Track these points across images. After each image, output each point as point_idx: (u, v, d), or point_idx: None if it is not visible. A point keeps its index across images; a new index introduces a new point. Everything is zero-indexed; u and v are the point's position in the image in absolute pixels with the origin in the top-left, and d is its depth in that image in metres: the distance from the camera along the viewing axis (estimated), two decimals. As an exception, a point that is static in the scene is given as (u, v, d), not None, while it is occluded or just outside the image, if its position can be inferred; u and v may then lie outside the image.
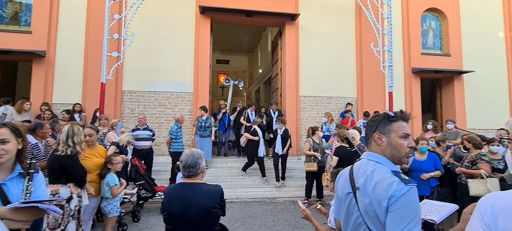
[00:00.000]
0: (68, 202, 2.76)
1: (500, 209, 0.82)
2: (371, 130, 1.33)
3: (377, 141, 1.28)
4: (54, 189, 2.75)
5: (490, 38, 9.41)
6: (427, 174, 4.35)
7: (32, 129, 3.45)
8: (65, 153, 2.75)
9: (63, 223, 2.70)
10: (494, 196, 0.87)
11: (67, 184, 2.80)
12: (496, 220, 0.81)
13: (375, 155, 1.28)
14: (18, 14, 7.41)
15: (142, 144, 5.90)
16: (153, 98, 7.68)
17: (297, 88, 8.28)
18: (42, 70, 7.13)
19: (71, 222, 2.75)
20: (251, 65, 18.87)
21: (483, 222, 0.84)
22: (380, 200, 1.13)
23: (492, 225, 0.82)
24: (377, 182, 1.17)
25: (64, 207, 2.72)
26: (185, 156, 2.03)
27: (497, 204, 0.83)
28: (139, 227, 4.43)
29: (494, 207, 0.83)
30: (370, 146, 1.33)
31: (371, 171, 1.22)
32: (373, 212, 1.16)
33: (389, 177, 1.16)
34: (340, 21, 8.61)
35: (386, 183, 1.14)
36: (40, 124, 3.55)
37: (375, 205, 1.15)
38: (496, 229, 0.80)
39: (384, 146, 1.26)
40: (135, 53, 7.40)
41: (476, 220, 0.86)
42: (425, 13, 9.24)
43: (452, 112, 8.99)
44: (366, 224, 1.19)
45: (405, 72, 8.80)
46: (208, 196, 1.96)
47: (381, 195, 1.13)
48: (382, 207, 1.12)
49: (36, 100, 6.87)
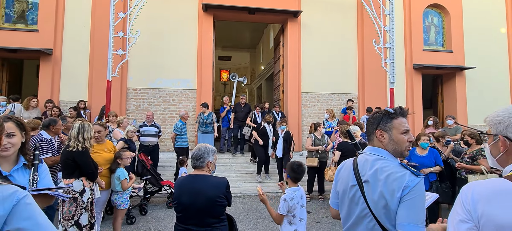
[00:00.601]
0: (81, 195, 2.90)
1: (480, 196, 0.90)
2: (372, 127, 1.41)
3: (379, 138, 1.37)
4: (68, 182, 2.89)
5: (492, 34, 9.42)
6: (427, 169, 4.46)
7: (46, 125, 3.59)
8: (76, 148, 2.88)
9: (76, 214, 2.85)
10: (475, 184, 0.95)
11: (79, 177, 2.94)
12: (476, 206, 0.89)
13: (379, 150, 1.36)
14: (25, 13, 7.55)
15: (148, 140, 6.05)
16: (157, 95, 7.82)
17: (299, 85, 8.37)
18: (49, 68, 7.27)
19: (84, 214, 2.89)
20: (253, 61, 18.92)
21: (464, 208, 0.92)
22: (393, 191, 1.20)
23: (472, 210, 0.90)
24: (389, 174, 1.25)
25: (77, 199, 2.87)
26: (196, 149, 2.20)
27: (477, 191, 0.91)
28: (146, 219, 4.58)
29: (474, 194, 0.91)
30: (372, 142, 1.41)
31: (381, 164, 1.30)
32: (384, 203, 1.24)
33: (400, 169, 1.25)
34: (342, 18, 8.66)
35: (398, 175, 1.22)
36: (54, 120, 3.69)
37: (387, 196, 1.22)
38: (476, 214, 0.89)
39: (386, 141, 1.35)
40: (139, 51, 7.51)
41: (459, 206, 0.95)
42: (427, 9, 9.26)
43: (453, 108, 9.05)
44: (373, 214, 1.27)
45: (406, 69, 8.86)
46: (214, 187, 2.10)
47: (394, 186, 1.21)
48: (395, 197, 1.20)
49: (44, 98, 7.02)
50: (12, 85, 8.24)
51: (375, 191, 1.27)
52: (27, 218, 1.00)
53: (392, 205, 1.22)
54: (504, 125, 0.98)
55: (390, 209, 1.22)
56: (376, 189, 1.27)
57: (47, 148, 3.50)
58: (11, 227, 0.98)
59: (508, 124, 0.97)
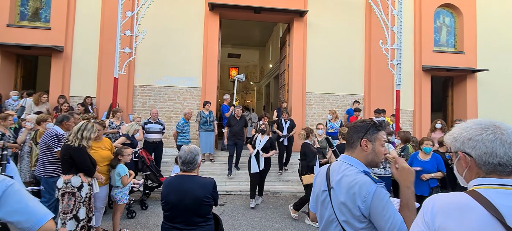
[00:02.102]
0: (79, 190, 3.03)
1: (439, 209, 0.90)
2: (358, 135, 1.42)
3: (363, 147, 1.39)
4: (67, 178, 3.03)
5: (507, 36, 9.05)
6: (428, 175, 4.38)
7: (60, 120, 3.75)
8: (74, 144, 3.00)
9: (74, 208, 2.98)
10: (437, 197, 0.95)
11: (77, 173, 3.07)
12: (434, 219, 0.90)
13: (350, 159, 1.41)
14: (39, 10, 7.84)
15: (153, 137, 6.19)
16: (163, 93, 7.97)
17: (304, 84, 8.33)
18: (60, 64, 7.54)
19: (82, 208, 3.02)
20: (262, 59, 18.93)
21: (423, 220, 0.93)
22: (354, 199, 1.26)
23: (430, 223, 0.91)
24: (350, 181, 1.30)
25: (76, 194, 3.00)
26: (184, 153, 2.23)
27: (437, 204, 0.92)
28: (146, 214, 4.72)
29: (434, 207, 0.92)
30: (353, 150, 1.43)
31: (346, 172, 1.35)
32: (347, 208, 1.29)
33: (362, 178, 1.29)
34: (349, 18, 8.54)
35: (359, 184, 1.27)
36: (67, 117, 3.84)
37: (349, 204, 1.28)
38: (433, 227, 0.89)
39: (369, 151, 1.39)
40: (146, 49, 7.68)
41: (419, 218, 0.96)
42: (439, 9, 8.99)
43: (463, 112, 8.79)
44: (338, 220, 1.33)
45: (415, 70, 8.65)
46: (202, 187, 2.16)
47: (354, 194, 1.26)
48: (356, 206, 1.26)
49: (55, 93, 7.30)
50: (26, 81, 8.60)
51: (340, 197, 1.32)
52: (18, 202, 1.10)
53: (354, 210, 1.27)
54: (460, 141, 0.97)
55: (352, 214, 1.27)
56: (340, 196, 1.32)
57: (60, 141, 3.57)
58: (5, 210, 1.08)
59: (462, 140, 0.96)
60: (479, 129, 0.94)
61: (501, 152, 0.89)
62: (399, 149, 5.31)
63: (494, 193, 0.87)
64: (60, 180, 3.07)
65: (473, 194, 0.89)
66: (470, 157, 0.94)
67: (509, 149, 0.89)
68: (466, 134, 0.96)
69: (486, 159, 0.91)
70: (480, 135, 0.92)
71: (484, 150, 0.91)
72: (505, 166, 0.89)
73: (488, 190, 0.89)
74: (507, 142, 0.90)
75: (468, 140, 0.95)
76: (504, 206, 0.83)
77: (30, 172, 4.59)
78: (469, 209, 0.86)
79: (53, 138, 3.54)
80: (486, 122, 0.95)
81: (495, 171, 0.91)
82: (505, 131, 0.92)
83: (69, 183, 2.98)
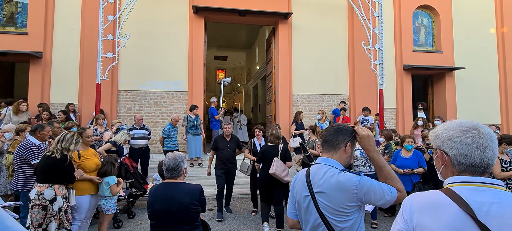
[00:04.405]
0: (51, 203, 2.92)
1: (417, 206, 0.96)
2: (343, 138, 1.46)
3: (346, 149, 1.45)
4: (40, 189, 2.94)
5: (481, 35, 9.51)
6: (408, 169, 4.55)
7: (33, 130, 3.63)
8: (55, 155, 2.92)
9: (45, 222, 2.87)
10: (415, 195, 1.01)
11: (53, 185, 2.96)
12: (412, 216, 0.96)
13: (330, 160, 1.45)
14: (14, 15, 7.53)
15: (138, 143, 6.09)
16: (148, 98, 7.84)
17: (290, 86, 8.42)
18: (39, 71, 7.27)
19: (53, 223, 2.90)
20: (249, 61, 18.94)
21: (403, 218, 0.99)
22: (345, 194, 1.34)
23: (408, 219, 0.97)
24: (337, 180, 1.36)
25: (47, 208, 2.89)
26: (168, 160, 2.20)
27: (416, 202, 0.98)
28: (134, 223, 4.62)
29: (413, 205, 0.98)
30: (334, 151, 1.46)
31: (328, 173, 1.40)
32: (335, 207, 1.34)
33: (344, 174, 1.37)
34: (332, 20, 8.71)
35: (345, 179, 1.35)
36: (41, 126, 3.72)
37: (339, 201, 1.34)
38: (411, 224, 0.95)
39: (348, 155, 1.46)
40: (130, 53, 7.52)
41: (399, 216, 1.01)
42: (417, 10, 9.33)
43: (443, 108, 9.15)
44: (324, 224, 1.36)
45: (396, 70, 8.93)
46: (188, 194, 2.14)
47: (343, 189, 1.34)
48: (347, 198, 1.33)
49: (34, 101, 7.03)
50: (3, 88, 8.23)
51: (327, 198, 1.37)
52: None
53: (345, 208, 1.34)
54: (440, 140, 1.02)
55: (341, 212, 1.35)
56: (327, 197, 1.37)
57: (37, 153, 3.49)
58: None
59: (443, 139, 1.01)
60: (460, 131, 0.98)
61: (475, 154, 0.95)
62: (383, 147, 5.48)
63: (466, 190, 0.93)
64: (33, 190, 2.97)
65: (447, 192, 0.95)
66: (447, 155, 1.00)
67: (483, 152, 0.95)
68: (447, 134, 1.00)
69: (461, 159, 0.96)
70: (460, 137, 0.97)
71: (460, 151, 0.96)
72: (477, 167, 0.95)
73: (461, 188, 0.94)
74: (483, 146, 0.95)
75: (448, 140, 1.00)
76: (476, 202, 0.89)
77: (10, 184, 4.40)
78: (443, 206, 0.92)
79: (29, 149, 3.42)
80: (468, 124, 0.99)
81: (467, 170, 0.97)
82: (483, 135, 0.96)
83: (41, 195, 2.88)
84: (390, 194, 1.34)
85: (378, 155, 1.44)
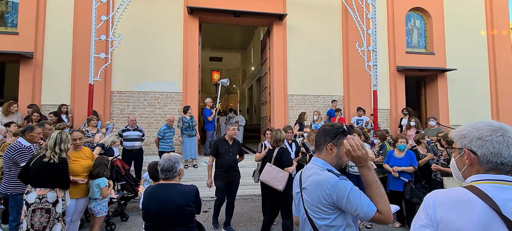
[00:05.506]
0: (54, 206, 2.87)
1: (440, 202, 0.99)
2: (325, 139, 1.49)
3: (328, 150, 1.47)
4: (41, 193, 2.86)
5: (472, 37, 9.70)
6: (399, 168, 4.58)
7: (22, 131, 3.54)
8: (53, 160, 2.85)
9: (48, 226, 2.82)
10: (438, 192, 1.04)
11: (54, 188, 2.91)
12: (435, 212, 0.98)
13: (317, 160, 1.50)
14: (5, 14, 7.38)
15: (132, 144, 6.00)
16: (142, 99, 7.75)
17: (285, 87, 8.43)
18: (29, 71, 7.13)
19: (57, 224, 2.87)
20: (244, 62, 18.94)
21: (426, 214, 1.01)
22: (320, 192, 1.36)
23: (432, 215, 0.99)
24: (317, 179, 1.39)
25: (51, 210, 2.84)
26: (163, 160, 2.18)
27: (438, 198, 1.00)
28: (127, 225, 4.55)
29: (436, 201, 1.00)
30: (320, 152, 1.52)
31: (312, 170, 1.45)
32: (316, 205, 1.38)
33: (324, 173, 1.40)
34: (327, 21, 8.77)
35: (324, 179, 1.37)
36: (30, 127, 3.63)
37: (316, 198, 1.37)
38: (435, 219, 0.97)
39: (334, 155, 1.47)
40: (123, 54, 7.44)
41: (421, 212, 1.03)
42: (410, 13, 9.46)
43: (436, 109, 9.28)
44: (309, 220, 1.41)
45: (390, 71, 9.03)
46: (183, 195, 2.11)
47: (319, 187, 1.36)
48: (322, 197, 1.35)
49: (25, 102, 6.89)
50: (-8, 89, 8.06)
51: (310, 196, 1.41)
52: None
53: (321, 206, 1.36)
54: (468, 139, 1.04)
55: (321, 211, 1.36)
56: (310, 194, 1.41)
57: (26, 155, 3.40)
58: None
59: (471, 138, 1.03)
60: (490, 130, 1.01)
61: (506, 153, 0.97)
62: (378, 148, 5.51)
63: (491, 187, 0.95)
64: (32, 195, 2.88)
65: (471, 189, 0.97)
66: (475, 154, 1.01)
67: None
68: (477, 133, 1.02)
69: (491, 158, 0.99)
70: (490, 136, 0.99)
71: (491, 150, 0.99)
72: (506, 165, 0.98)
73: (485, 185, 0.97)
74: None
75: (478, 139, 1.01)
76: (501, 198, 0.92)
77: None
78: (469, 202, 0.94)
79: (18, 151, 3.34)
80: (496, 124, 1.02)
81: (494, 169, 0.99)
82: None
83: (44, 199, 2.82)
84: (364, 211, 1.26)
85: (369, 170, 1.34)
